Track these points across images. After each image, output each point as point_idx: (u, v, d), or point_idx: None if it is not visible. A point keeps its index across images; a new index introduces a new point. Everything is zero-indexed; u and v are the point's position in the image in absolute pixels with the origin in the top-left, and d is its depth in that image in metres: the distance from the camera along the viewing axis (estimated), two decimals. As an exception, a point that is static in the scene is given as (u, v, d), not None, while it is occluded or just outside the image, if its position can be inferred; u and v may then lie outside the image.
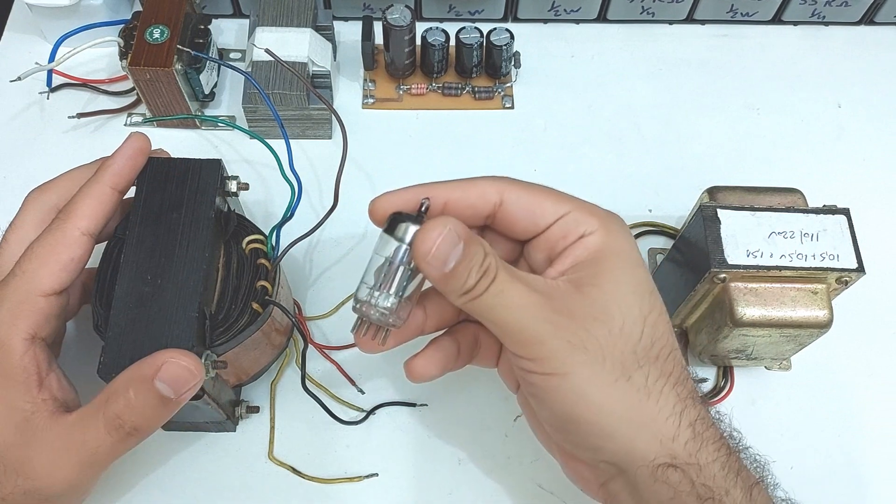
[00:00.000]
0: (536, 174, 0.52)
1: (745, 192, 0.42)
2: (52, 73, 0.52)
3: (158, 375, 0.32)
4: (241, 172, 0.43)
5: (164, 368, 0.32)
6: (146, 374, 0.32)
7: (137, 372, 0.33)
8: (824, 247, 0.39)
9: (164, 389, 0.32)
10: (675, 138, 0.54)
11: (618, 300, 0.32)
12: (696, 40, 0.59)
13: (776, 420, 0.45)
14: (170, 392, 0.32)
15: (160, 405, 0.33)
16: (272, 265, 0.39)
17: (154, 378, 0.32)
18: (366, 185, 0.51)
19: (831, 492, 0.43)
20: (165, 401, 0.33)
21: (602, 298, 0.32)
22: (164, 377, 0.32)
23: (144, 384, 0.32)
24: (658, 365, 0.32)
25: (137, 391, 0.32)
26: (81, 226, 0.35)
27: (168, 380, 0.32)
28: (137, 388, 0.32)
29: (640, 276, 0.34)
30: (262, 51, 0.49)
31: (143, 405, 0.32)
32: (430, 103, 0.55)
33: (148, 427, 0.33)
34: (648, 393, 0.32)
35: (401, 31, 0.51)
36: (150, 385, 0.32)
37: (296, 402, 0.44)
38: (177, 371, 0.33)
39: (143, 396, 0.32)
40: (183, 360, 0.33)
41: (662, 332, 0.33)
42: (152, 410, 0.33)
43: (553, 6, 0.57)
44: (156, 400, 0.32)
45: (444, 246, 0.30)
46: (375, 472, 0.42)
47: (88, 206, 0.36)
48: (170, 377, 0.32)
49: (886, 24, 0.60)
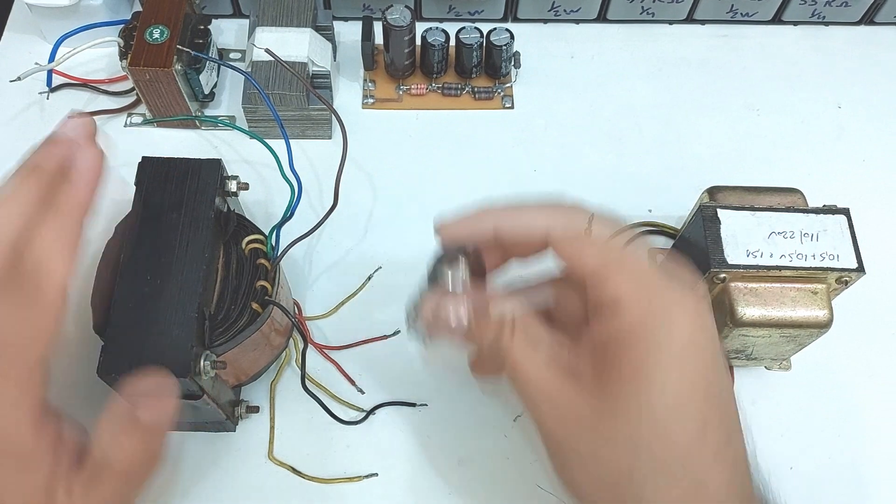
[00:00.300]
0: (536, 174, 0.52)
1: (745, 192, 0.42)
2: (52, 73, 0.52)
3: (138, 408, 0.31)
4: (240, 172, 0.43)
5: (139, 400, 0.31)
6: (126, 413, 0.31)
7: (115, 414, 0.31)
8: (824, 247, 0.39)
9: (148, 418, 0.31)
10: (675, 138, 0.54)
11: (649, 409, 0.26)
12: (696, 40, 0.59)
13: (776, 420, 0.45)
14: (153, 418, 0.32)
15: (153, 436, 0.32)
16: (272, 265, 0.39)
17: (131, 411, 0.31)
18: (366, 185, 0.51)
19: (831, 492, 0.43)
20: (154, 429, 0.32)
21: (626, 403, 0.27)
22: (143, 406, 0.31)
23: (132, 425, 0.31)
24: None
25: (129, 435, 0.31)
26: (63, 284, 0.29)
27: (146, 407, 0.31)
28: (127, 431, 0.31)
29: (692, 372, 0.27)
30: (262, 51, 0.49)
31: (139, 445, 0.31)
32: (430, 103, 0.55)
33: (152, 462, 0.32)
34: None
35: (401, 32, 0.51)
36: (136, 422, 0.31)
37: (296, 402, 0.44)
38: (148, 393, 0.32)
39: (136, 437, 0.31)
40: (146, 382, 0.32)
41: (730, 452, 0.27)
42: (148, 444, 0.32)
43: (553, 6, 0.57)
44: (147, 433, 0.31)
45: (442, 324, 0.31)
46: (375, 472, 0.42)
47: (67, 261, 0.29)
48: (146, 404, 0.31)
49: (886, 24, 0.60)
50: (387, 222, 0.50)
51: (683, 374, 0.27)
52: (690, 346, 0.27)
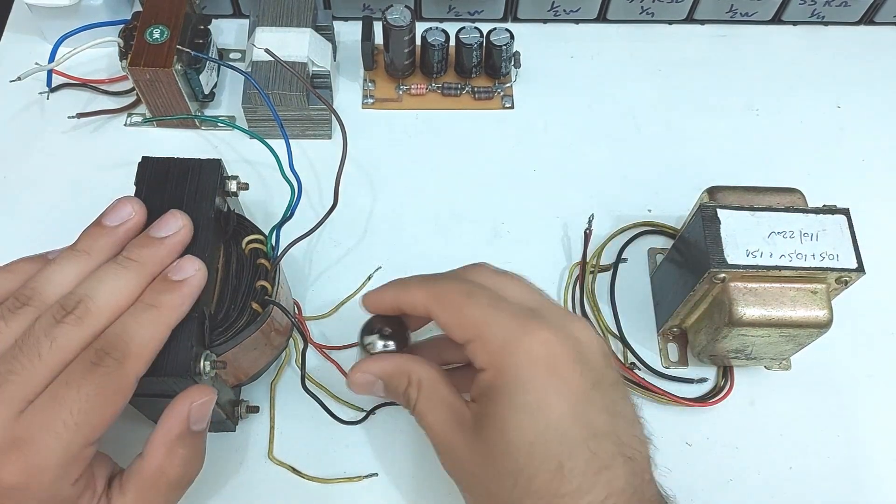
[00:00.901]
0: (536, 174, 0.52)
1: (744, 192, 0.42)
2: (52, 73, 0.52)
3: (192, 420, 0.33)
4: (240, 172, 0.43)
5: (192, 413, 0.33)
6: (183, 427, 0.33)
7: (174, 432, 0.33)
8: (824, 247, 0.39)
9: (198, 427, 0.34)
10: (675, 138, 0.54)
11: (515, 450, 0.31)
12: (696, 40, 0.59)
13: (776, 420, 0.45)
14: (202, 425, 0.34)
15: (200, 440, 0.35)
16: (272, 265, 0.39)
17: (188, 424, 0.33)
18: (366, 185, 0.51)
19: (831, 492, 0.43)
20: (202, 433, 0.35)
21: (495, 448, 0.32)
22: (195, 417, 0.33)
23: (184, 436, 0.33)
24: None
25: (183, 446, 0.33)
26: (140, 370, 0.31)
27: (198, 418, 0.34)
28: (182, 443, 0.33)
29: (544, 419, 0.31)
30: (262, 51, 0.49)
31: (191, 451, 0.34)
32: (430, 103, 0.55)
33: (199, 463, 0.35)
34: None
35: (400, 32, 0.51)
36: (189, 432, 0.33)
37: (296, 402, 0.44)
38: (200, 406, 0.34)
39: (188, 446, 0.33)
40: (199, 397, 0.33)
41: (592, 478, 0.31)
42: (198, 448, 0.35)
43: (553, 6, 0.57)
44: (196, 439, 0.34)
45: (363, 385, 0.37)
46: (375, 472, 0.42)
47: (152, 350, 0.32)
48: (198, 415, 0.33)
49: (886, 24, 0.60)
50: (387, 222, 0.50)
51: (535, 422, 0.31)
52: (543, 395, 0.32)
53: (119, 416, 0.31)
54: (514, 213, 0.51)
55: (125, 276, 0.32)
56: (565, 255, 0.49)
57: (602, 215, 0.50)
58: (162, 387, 0.35)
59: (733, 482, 0.43)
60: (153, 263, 0.33)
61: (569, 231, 0.50)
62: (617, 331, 0.47)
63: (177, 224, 0.34)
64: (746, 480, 0.43)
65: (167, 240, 0.34)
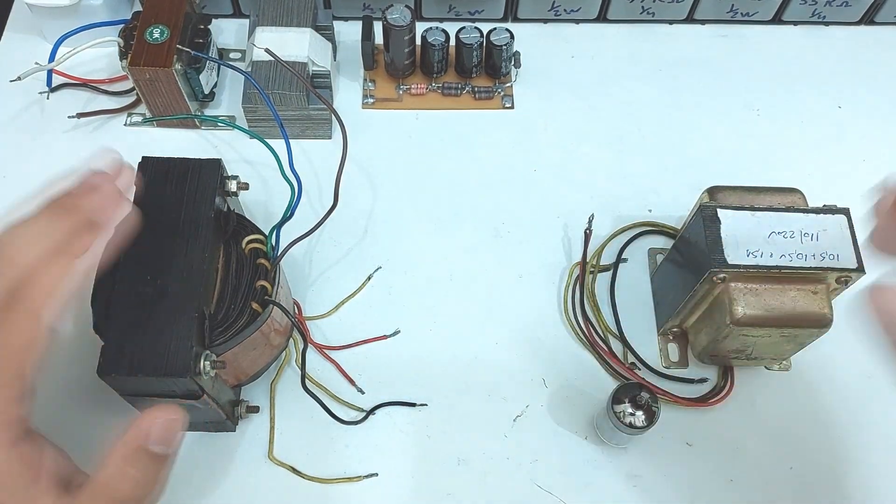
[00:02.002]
0: (536, 174, 0.52)
1: (745, 192, 0.42)
2: (52, 73, 0.52)
3: (150, 440, 0.31)
4: (240, 172, 0.43)
5: (153, 432, 0.31)
6: (139, 444, 0.31)
7: (130, 446, 0.31)
8: (824, 247, 0.39)
9: (158, 449, 0.31)
10: (676, 138, 0.54)
11: None
12: (696, 40, 0.59)
13: (776, 420, 0.45)
14: (164, 449, 0.32)
15: (160, 465, 0.32)
16: (272, 265, 0.39)
17: (147, 443, 0.31)
18: (366, 185, 0.51)
19: (831, 492, 0.43)
20: (162, 458, 0.32)
21: None
22: (155, 438, 0.31)
23: (140, 455, 0.31)
24: None
25: (137, 465, 0.31)
26: (47, 320, 0.30)
27: (159, 439, 0.31)
28: (136, 461, 0.31)
29: None
30: (262, 51, 0.49)
31: (145, 474, 0.31)
32: (430, 103, 0.55)
33: (155, 489, 0.32)
34: None
35: (401, 31, 0.51)
36: (146, 452, 0.31)
37: (296, 402, 0.44)
38: (164, 426, 0.31)
39: (143, 467, 0.31)
40: (163, 415, 0.32)
41: None
42: (155, 473, 0.32)
43: (553, 6, 0.57)
44: (155, 462, 0.32)
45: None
46: (375, 472, 0.42)
47: (54, 297, 0.30)
48: (159, 436, 0.31)
49: (886, 24, 0.60)
50: (387, 222, 0.50)
51: None
52: None
53: (38, 368, 0.30)
54: (514, 213, 0.51)
55: (45, 222, 0.31)
56: (565, 255, 0.49)
57: (602, 215, 0.50)
58: (162, 387, 0.35)
59: (734, 482, 0.43)
60: (78, 208, 0.32)
61: (569, 231, 0.50)
62: (617, 331, 0.47)
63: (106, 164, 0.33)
64: (747, 480, 0.43)
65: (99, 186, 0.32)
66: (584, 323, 0.47)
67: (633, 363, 0.46)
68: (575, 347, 0.46)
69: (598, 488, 0.42)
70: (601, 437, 0.43)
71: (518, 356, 0.46)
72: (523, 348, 0.46)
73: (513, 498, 0.42)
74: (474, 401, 0.44)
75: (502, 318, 0.47)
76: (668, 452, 0.44)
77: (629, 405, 0.39)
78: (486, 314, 0.47)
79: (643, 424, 0.39)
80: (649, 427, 0.39)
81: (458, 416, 0.44)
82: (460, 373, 0.45)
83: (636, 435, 0.41)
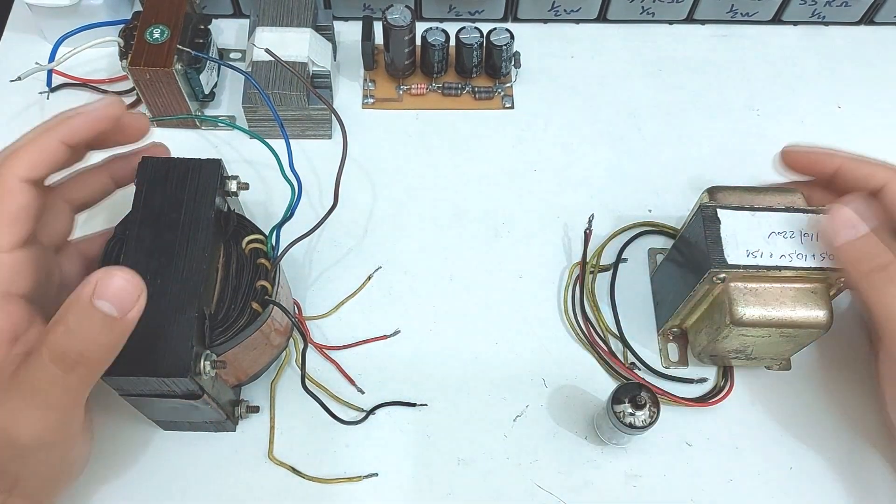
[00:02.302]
0: (536, 174, 0.52)
1: (744, 192, 0.42)
2: (52, 73, 0.52)
3: (95, 293, 0.30)
4: (241, 172, 0.43)
5: (99, 285, 0.30)
6: (82, 296, 0.30)
7: (74, 297, 0.30)
8: (824, 247, 0.39)
9: (105, 307, 0.30)
10: (675, 138, 0.54)
11: None
12: (696, 40, 0.59)
13: (776, 420, 0.45)
14: (113, 310, 0.30)
15: (105, 327, 0.30)
16: (272, 265, 0.39)
17: (91, 297, 0.30)
18: (366, 185, 0.51)
19: (831, 492, 0.43)
20: (110, 321, 0.30)
21: None
22: (104, 294, 0.30)
23: (82, 306, 0.30)
24: None
25: (75, 315, 0.30)
26: (20, 174, 0.34)
27: (109, 296, 0.30)
28: (75, 311, 0.30)
29: None
30: (262, 51, 0.49)
31: (84, 329, 0.30)
32: (430, 103, 0.55)
33: (94, 354, 0.31)
34: None
35: (401, 31, 0.51)
36: (89, 306, 0.30)
37: (296, 402, 0.44)
38: (116, 284, 0.30)
39: (82, 319, 0.30)
40: (119, 273, 0.30)
41: None
42: (96, 333, 0.30)
43: (553, 6, 0.57)
44: (98, 321, 0.30)
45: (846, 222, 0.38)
46: (375, 472, 0.42)
47: (28, 154, 0.34)
48: (110, 294, 0.30)
49: (886, 24, 0.60)
50: (387, 222, 0.50)
51: None
52: None
53: (21, 221, 0.34)
54: (514, 213, 0.51)
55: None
56: (565, 255, 0.49)
57: (602, 215, 0.50)
58: (162, 387, 0.35)
59: (734, 482, 0.43)
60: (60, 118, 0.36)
61: (569, 231, 0.50)
62: (617, 331, 0.47)
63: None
64: (747, 481, 0.43)
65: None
66: (584, 323, 0.47)
67: (633, 363, 0.46)
68: (575, 347, 0.46)
69: (597, 488, 0.42)
70: (601, 437, 0.43)
71: (518, 356, 0.46)
72: (523, 348, 0.46)
73: (513, 498, 0.42)
74: (474, 401, 0.44)
75: (502, 318, 0.47)
76: (668, 452, 0.44)
77: (629, 405, 0.39)
78: (486, 314, 0.47)
79: (643, 424, 0.39)
80: (649, 427, 0.39)
81: (458, 415, 0.44)
82: (460, 373, 0.45)
83: (636, 435, 0.41)
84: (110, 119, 0.37)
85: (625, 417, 0.39)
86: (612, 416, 0.39)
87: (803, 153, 0.43)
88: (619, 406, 0.39)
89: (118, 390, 0.35)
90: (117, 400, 0.36)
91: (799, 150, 0.44)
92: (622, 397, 0.39)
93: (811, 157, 0.43)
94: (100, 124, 0.36)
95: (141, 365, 0.34)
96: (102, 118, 0.36)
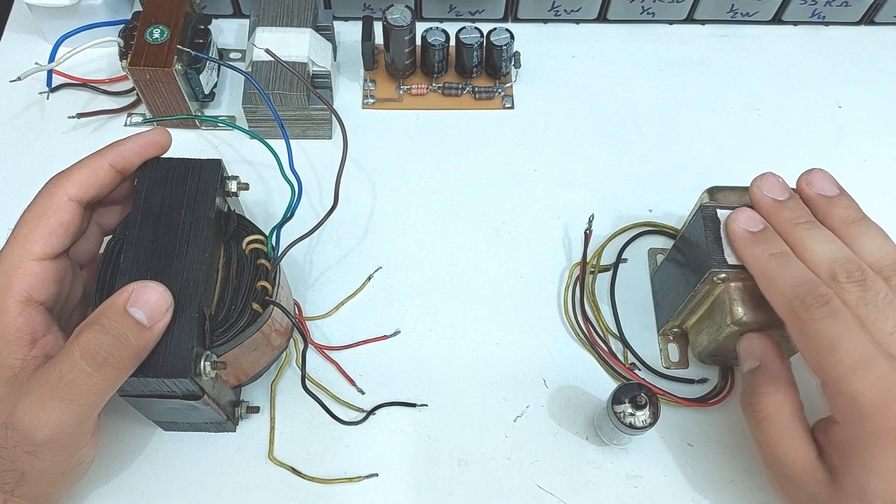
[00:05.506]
0: (536, 174, 0.52)
1: (745, 192, 0.42)
2: (52, 73, 0.52)
3: (130, 301, 0.33)
4: (241, 172, 0.43)
5: (134, 294, 0.33)
6: (118, 302, 0.33)
7: (109, 302, 0.33)
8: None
9: (138, 315, 0.33)
10: (676, 138, 0.54)
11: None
12: (696, 40, 0.59)
13: (776, 420, 0.45)
14: (144, 318, 0.33)
15: (134, 332, 0.33)
16: (272, 265, 0.39)
17: (126, 304, 0.33)
18: (366, 185, 0.51)
19: (831, 492, 0.43)
20: (140, 328, 0.33)
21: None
22: (137, 303, 0.33)
23: (116, 311, 0.33)
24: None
25: (110, 318, 0.33)
26: (70, 192, 0.36)
27: (141, 305, 0.33)
28: (110, 315, 0.33)
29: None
30: (262, 51, 0.49)
31: (116, 330, 0.32)
32: (431, 103, 0.55)
33: (121, 356, 0.33)
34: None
35: (401, 31, 0.51)
36: (123, 311, 0.33)
37: (296, 403, 0.44)
38: (149, 296, 0.33)
39: (115, 322, 0.33)
40: (153, 286, 0.34)
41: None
42: (126, 337, 0.33)
43: (553, 6, 0.57)
44: (130, 326, 0.33)
45: (748, 350, 0.40)
46: (375, 472, 0.42)
47: (80, 175, 0.37)
48: (143, 303, 0.33)
49: (886, 24, 0.60)
50: (387, 222, 0.50)
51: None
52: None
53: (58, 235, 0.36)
54: (514, 213, 0.51)
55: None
56: (565, 255, 0.49)
57: (602, 215, 0.50)
58: (162, 387, 0.35)
59: (734, 483, 0.43)
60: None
61: (569, 231, 0.50)
62: (617, 331, 0.47)
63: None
64: (748, 481, 0.43)
65: None
66: (584, 323, 0.47)
67: (633, 363, 0.46)
68: (575, 347, 0.46)
69: (598, 488, 0.42)
70: (601, 438, 0.43)
71: (518, 356, 0.46)
72: (523, 348, 0.46)
73: (513, 498, 0.42)
74: (475, 401, 0.44)
75: (502, 318, 0.47)
76: (668, 453, 0.44)
77: (629, 405, 0.39)
78: (486, 314, 0.47)
79: (643, 425, 0.39)
80: (649, 427, 0.39)
81: (458, 416, 0.44)
82: (460, 373, 0.45)
83: (636, 435, 0.40)
84: (158, 146, 0.38)
85: (625, 418, 0.39)
86: (613, 416, 0.39)
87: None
88: (620, 406, 0.39)
89: (118, 390, 0.35)
90: (117, 400, 0.36)
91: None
92: (622, 397, 0.39)
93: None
94: (148, 150, 0.38)
95: (141, 365, 0.34)
96: (151, 144, 0.38)
